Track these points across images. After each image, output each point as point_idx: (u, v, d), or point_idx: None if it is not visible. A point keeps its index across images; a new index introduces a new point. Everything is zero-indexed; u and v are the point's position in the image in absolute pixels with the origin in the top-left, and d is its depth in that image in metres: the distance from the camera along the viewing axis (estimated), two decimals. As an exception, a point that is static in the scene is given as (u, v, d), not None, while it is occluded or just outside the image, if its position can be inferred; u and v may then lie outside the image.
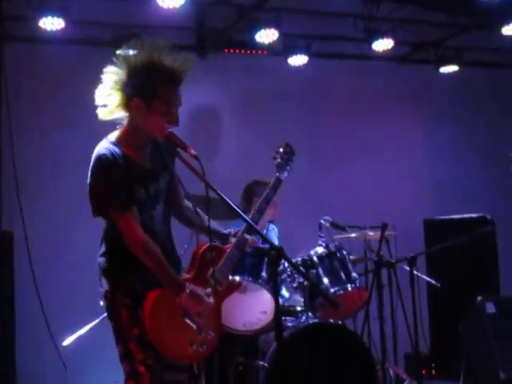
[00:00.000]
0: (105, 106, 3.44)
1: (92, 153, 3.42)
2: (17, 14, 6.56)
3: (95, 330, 5.24)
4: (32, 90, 6.81)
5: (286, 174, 4.31)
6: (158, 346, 3.35)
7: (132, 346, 3.37)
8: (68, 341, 5.45)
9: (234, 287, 3.80)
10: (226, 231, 3.83)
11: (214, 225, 3.75)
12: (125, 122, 3.48)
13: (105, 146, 3.40)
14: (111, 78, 3.41)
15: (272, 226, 6.02)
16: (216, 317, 3.55)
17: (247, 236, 3.79)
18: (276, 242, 5.79)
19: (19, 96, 6.60)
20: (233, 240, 3.76)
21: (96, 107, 3.45)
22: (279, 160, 4.33)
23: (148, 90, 3.38)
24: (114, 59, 3.42)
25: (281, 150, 4.37)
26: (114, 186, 3.34)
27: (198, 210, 3.63)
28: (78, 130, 6.43)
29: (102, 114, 3.45)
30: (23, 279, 6.10)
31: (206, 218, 3.54)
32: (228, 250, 3.72)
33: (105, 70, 3.43)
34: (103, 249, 3.49)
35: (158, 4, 6.29)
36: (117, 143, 3.42)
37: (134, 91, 3.38)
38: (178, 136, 3.42)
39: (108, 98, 3.42)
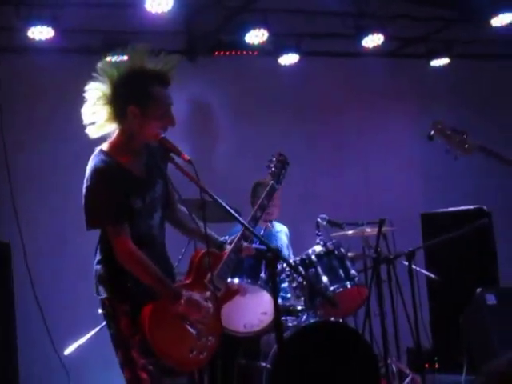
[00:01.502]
0: (93, 123, 3.41)
1: (85, 161, 3.41)
2: (5, 25, 6.53)
3: (96, 338, 5.23)
4: (24, 100, 6.79)
5: (281, 182, 4.31)
6: (159, 353, 3.35)
7: (134, 352, 3.35)
8: (70, 349, 5.45)
9: (233, 293, 3.80)
10: (221, 238, 3.83)
11: (210, 232, 3.71)
12: (116, 133, 3.45)
13: (100, 157, 3.38)
14: (94, 95, 3.40)
15: (280, 227, 6.01)
16: (215, 322, 3.54)
17: (243, 243, 3.78)
18: (279, 243, 5.79)
19: (12, 106, 6.57)
20: (228, 247, 3.75)
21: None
22: (273, 169, 4.31)
23: (141, 95, 3.37)
24: (95, 74, 3.40)
25: (274, 159, 4.34)
26: (109, 202, 3.32)
27: (193, 216, 3.62)
28: (70, 138, 6.40)
29: (92, 132, 3.42)
30: (22, 289, 6.09)
31: (201, 223, 3.53)
32: (225, 256, 3.71)
33: (86, 87, 3.41)
34: (99, 256, 3.47)
35: (147, 9, 6.28)
36: (111, 154, 3.40)
37: (127, 100, 3.37)
38: (171, 141, 3.42)
39: (94, 115, 3.40)
